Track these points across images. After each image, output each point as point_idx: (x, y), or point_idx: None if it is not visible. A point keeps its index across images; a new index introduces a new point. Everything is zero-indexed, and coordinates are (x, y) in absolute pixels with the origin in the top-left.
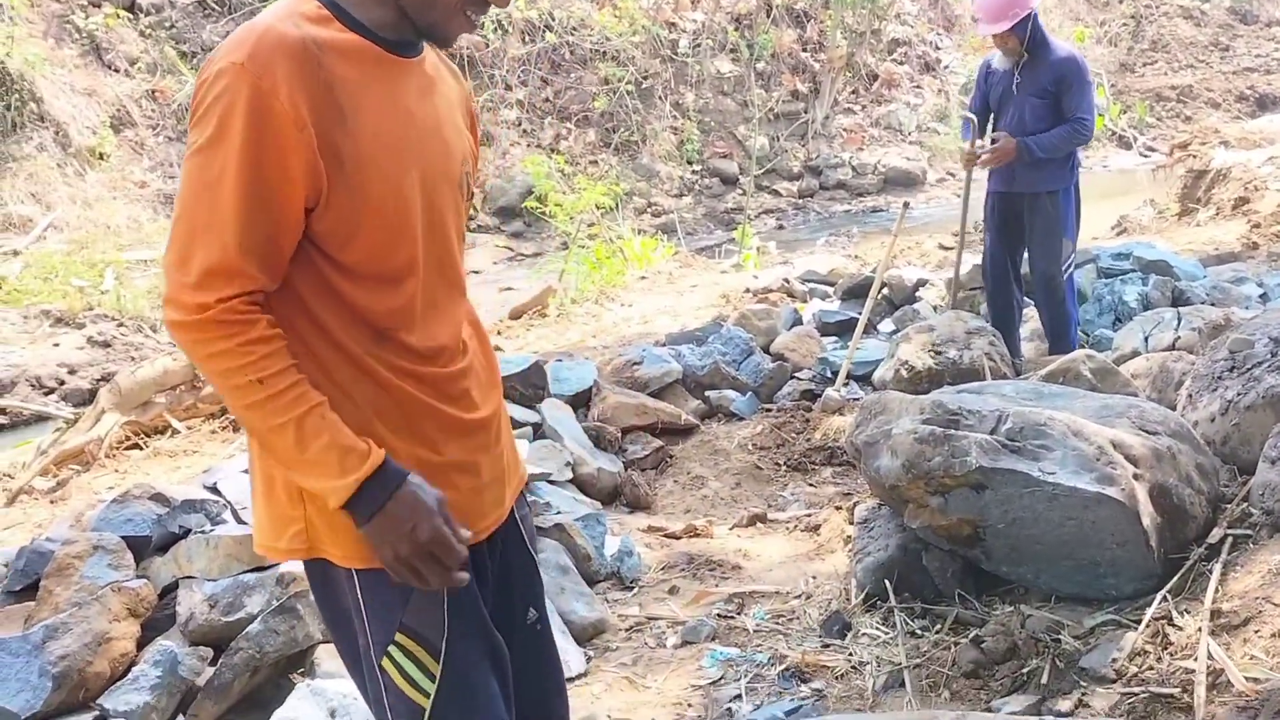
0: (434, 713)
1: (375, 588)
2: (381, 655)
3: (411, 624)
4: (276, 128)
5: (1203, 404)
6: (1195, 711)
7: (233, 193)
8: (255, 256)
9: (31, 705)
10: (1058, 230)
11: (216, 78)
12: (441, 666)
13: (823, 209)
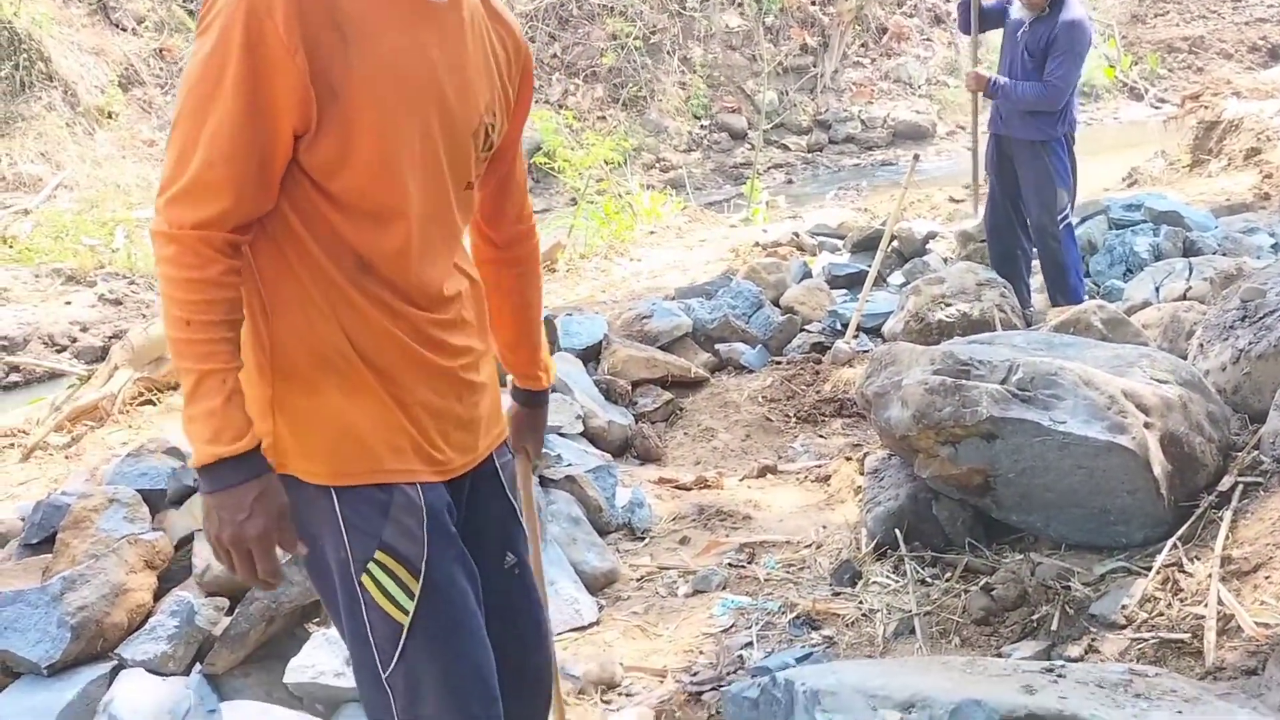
0: (413, 629)
1: (356, 505)
2: (361, 572)
3: (392, 542)
4: (266, 51)
5: (1214, 353)
6: (1205, 656)
7: (224, 115)
8: (240, 180)
9: (51, 655)
10: (1050, 181)
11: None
12: (421, 585)
13: (832, 163)
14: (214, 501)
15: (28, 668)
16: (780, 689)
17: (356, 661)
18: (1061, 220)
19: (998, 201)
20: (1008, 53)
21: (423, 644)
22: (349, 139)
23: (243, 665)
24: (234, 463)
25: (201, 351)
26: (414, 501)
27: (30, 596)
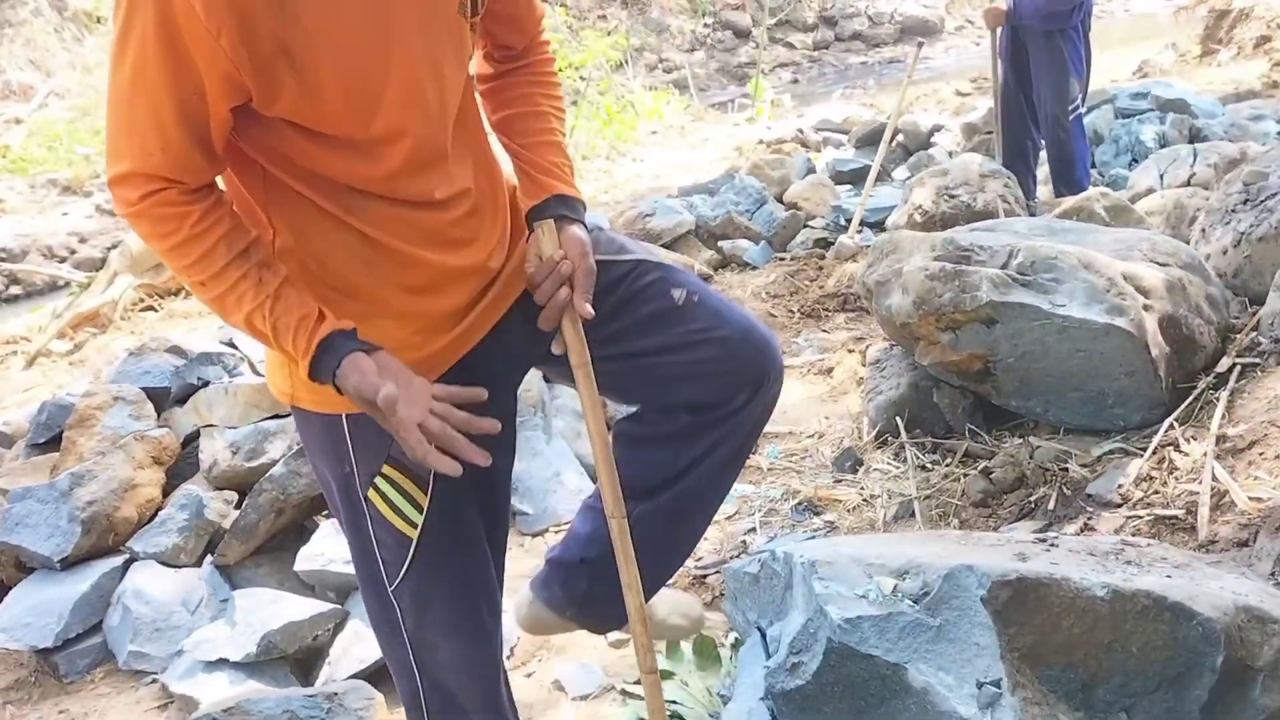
0: (421, 542)
1: (364, 425)
2: (368, 487)
3: (399, 455)
4: (181, 35)
5: (1215, 237)
6: (1198, 531)
7: (144, 101)
8: (176, 159)
9: (62, 549)
10: (1063, 69)
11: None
12: (429, 497)
13: (838, 61)
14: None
15: (40, 562)
16: (779, 563)
17: (363, 576)
18: (1072, 110)
19: (1011, 92)
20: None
21: (433, 555)
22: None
23: (253, 556)
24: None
25: (231, 301)
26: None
27: (39, 492)
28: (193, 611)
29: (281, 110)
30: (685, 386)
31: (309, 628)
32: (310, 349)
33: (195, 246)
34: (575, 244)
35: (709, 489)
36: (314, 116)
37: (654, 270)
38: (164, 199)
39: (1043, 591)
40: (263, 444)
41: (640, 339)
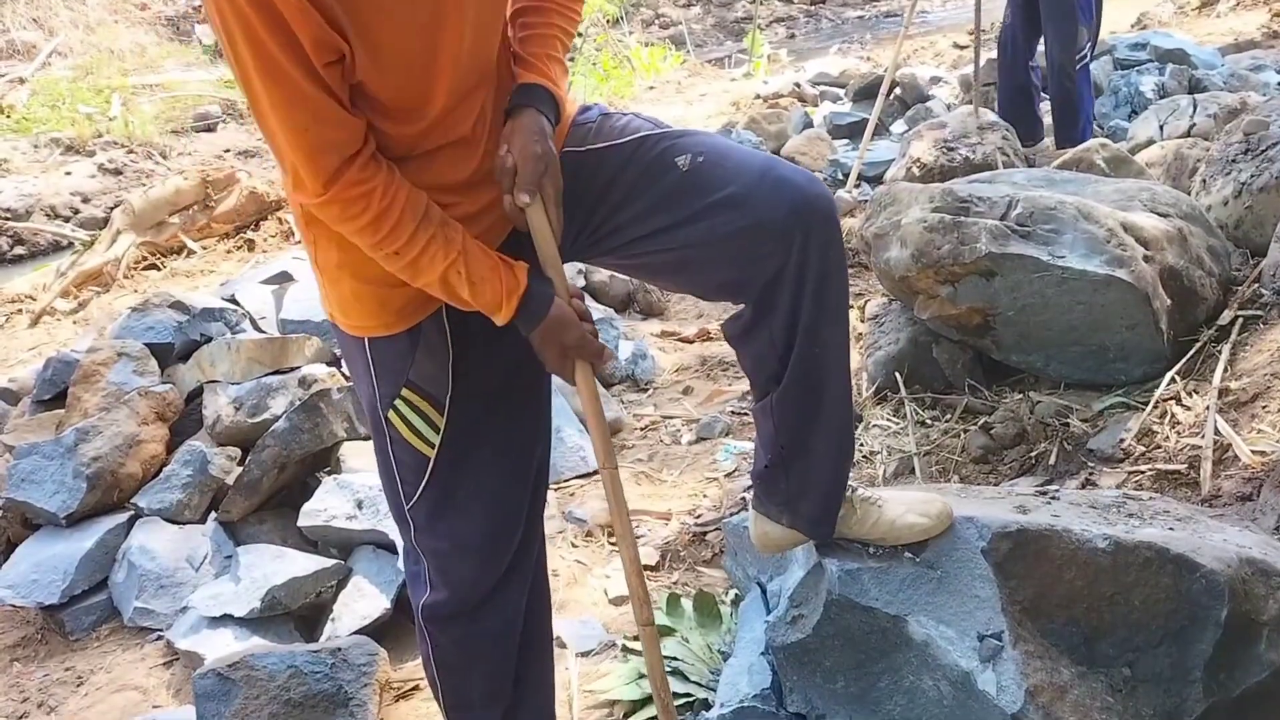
0: (439, 459)
1: (383, 350)
2: (388, 409)
3: (416, 380)
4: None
5: (1216, 187)
6: (1201, 485)
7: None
8: (330, 123)
9: (68, 505)
10: (1072, 14)
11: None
12: (446, 419)
13: (835, 15)
14: (539, 338)
15: (46, 518)
16: None
17: (387, 493)
18: (1079, 60)
19: (1015, 34)
20: None
21: (448, 477)
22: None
23: (257, 512)
24: (525, 310)
25: (425, 263)
26: (440, 341)
27: (45, 449)
28: (197, 568)
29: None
30: (718, 258)
31: (312, 584)
32: (516, 299)
33: (386, 220)
34: (516, 133)
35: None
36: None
37: (657, 143)
38: (346, 181)
39: (1044, 543)
40: (265, 400)
41: (654, 220)
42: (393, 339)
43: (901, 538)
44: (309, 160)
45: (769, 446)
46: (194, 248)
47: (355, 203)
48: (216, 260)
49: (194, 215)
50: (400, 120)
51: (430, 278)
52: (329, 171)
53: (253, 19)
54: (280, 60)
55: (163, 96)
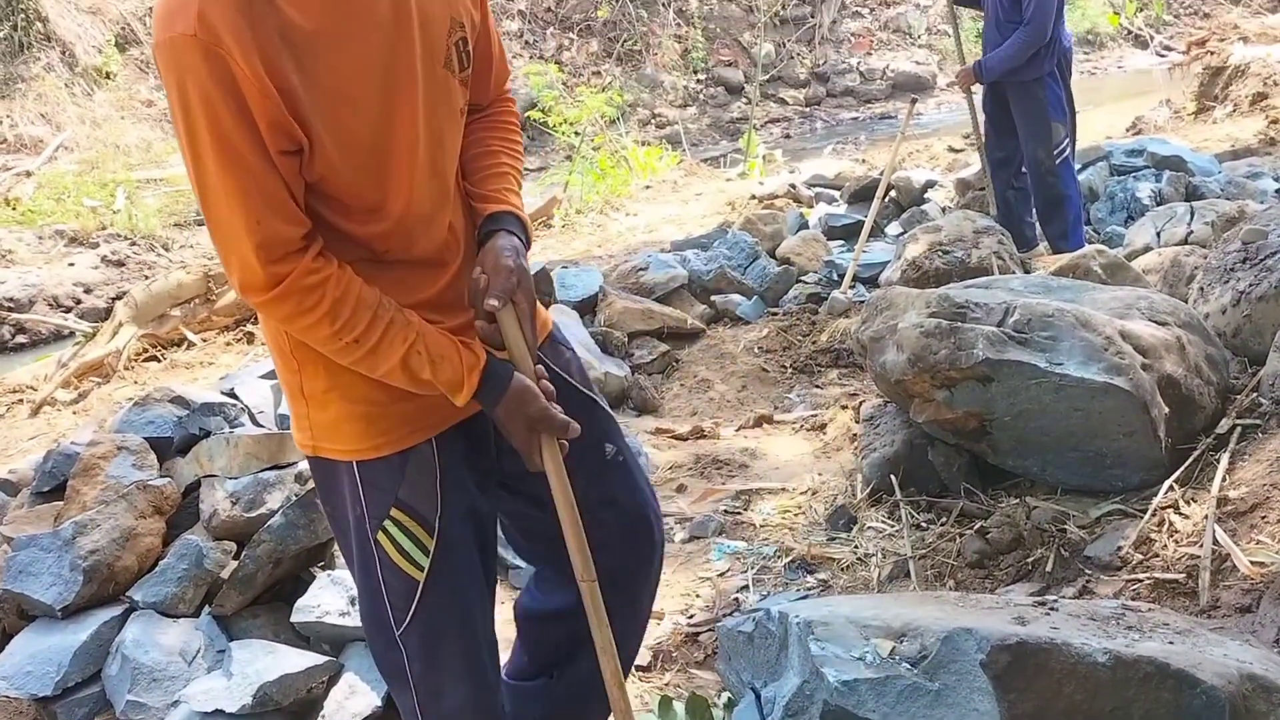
0: (427, 584)
1: (373, 470)
2: (377, 530)
3: (407, 499)
4: (240, 95)
5: (1214, 296)
6: (1199, 596)
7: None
8: (281, 217)
9: (64, 597)
10: (1043, 115)
11: (170, 50)
12: (436, 540)
13: (830, 116)
14: (503, 412)
15: (42, 610)
16: (774, 622)
17: (369, 619)
18: (1058, 155)
19: (994, 147)
20: (990, 11)
21: (439, 599)
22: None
23: (251, 606)
24: (486, 385)
25: (385, 349)
26: (429, 461)
27: (43, 541)
28: (190, 662)
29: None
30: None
31: (304, 680)
32: (477, 375)
33: (343, 308)
34: (489, 253)
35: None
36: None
37: (605, 418)
38: (300, 270)
39: (1043, 657)
40: (262, 495)
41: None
42: (383, 460)
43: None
44: (260, 251)
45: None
46: (194, 340)
47: (310, 293)
48: (216, 352)
49: (195, 308)
50: (362, 219)
51: (391, 363)
52: (279, 264)
53: (214, 99)
54: (238, 144)
55: (166, 190)
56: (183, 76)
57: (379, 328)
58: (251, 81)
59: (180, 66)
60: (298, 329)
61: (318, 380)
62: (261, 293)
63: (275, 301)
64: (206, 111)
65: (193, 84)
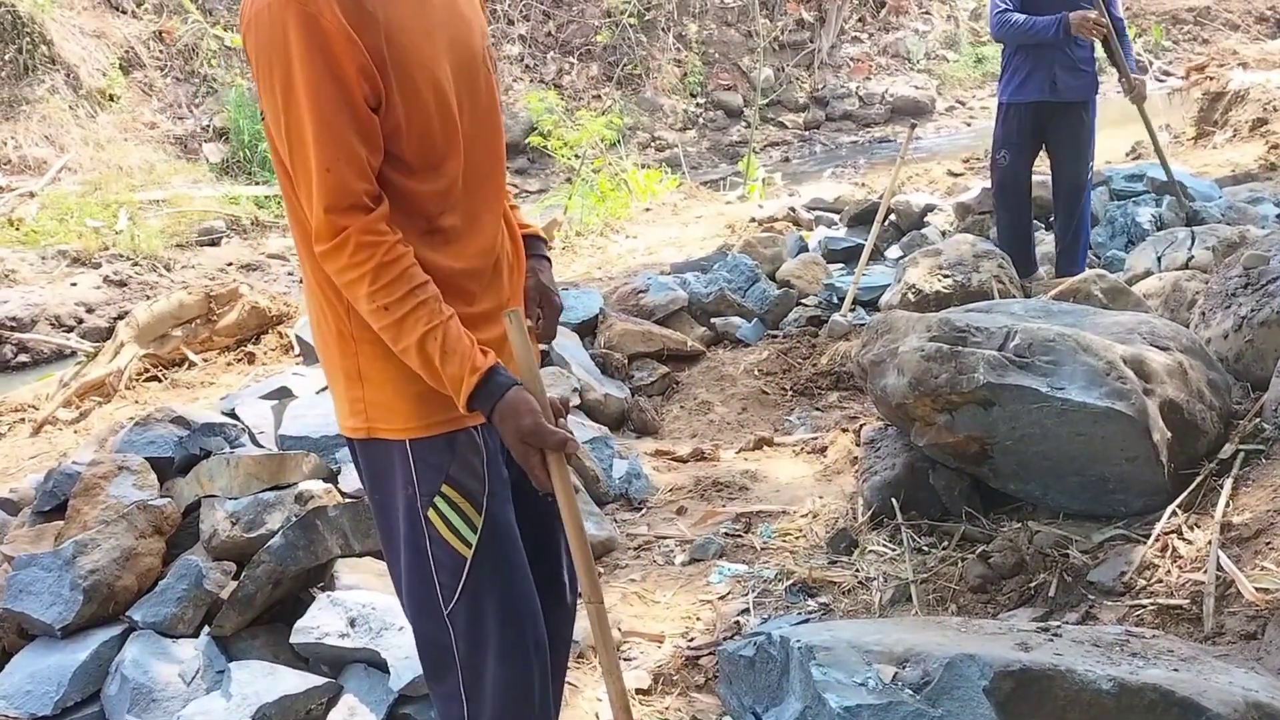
0: (476, 559)
1: (426, 449)
2: (428, 506)
3: (457, 476)
4: (333, 48)
5: (1216, 321)
6: (1203, 622)
7: (316, 127)
8: (353, 170)
9: (64, 617)
10: (1090, 140)
11: (268, 14)
12: (483, 518)
13: (829, 140)
14: (499, 415)
15: (42, 630)
16: (776, 646)
17: (418, 603)
18: (1089, 180)
19: (1021, 173)
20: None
21: (486, 576)
22: (407, 99)
23: (250, 627)
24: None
25: (410, 322)
26: (477, 442)
27: (44, 560)
28: (189, 682)
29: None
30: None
31: (303, 701)
32: (477, 376)
33: (386, 273)
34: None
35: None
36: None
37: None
38: (361, 227)
39: (1047, 683)
40: (262, 515)
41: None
42: (434, 439)
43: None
44: (325, 198)
45: None
46: (195, 360)
47: (364, 249)
48: (217, 372)
49: (196, 328)
50: (424, 177)
51: (410, 340)
52: (342, 215)
53: (308, 54)
54: (326, 94)
55: (169, 211)
56: (279, 36)
57: (410, 302)
58: (341, 34)
59: (277, 26)
60: (345, 282)
61: (375, 361)
62: (325, 241)
63: (333, 252)
64: (301, 64)
65: (289, 40)
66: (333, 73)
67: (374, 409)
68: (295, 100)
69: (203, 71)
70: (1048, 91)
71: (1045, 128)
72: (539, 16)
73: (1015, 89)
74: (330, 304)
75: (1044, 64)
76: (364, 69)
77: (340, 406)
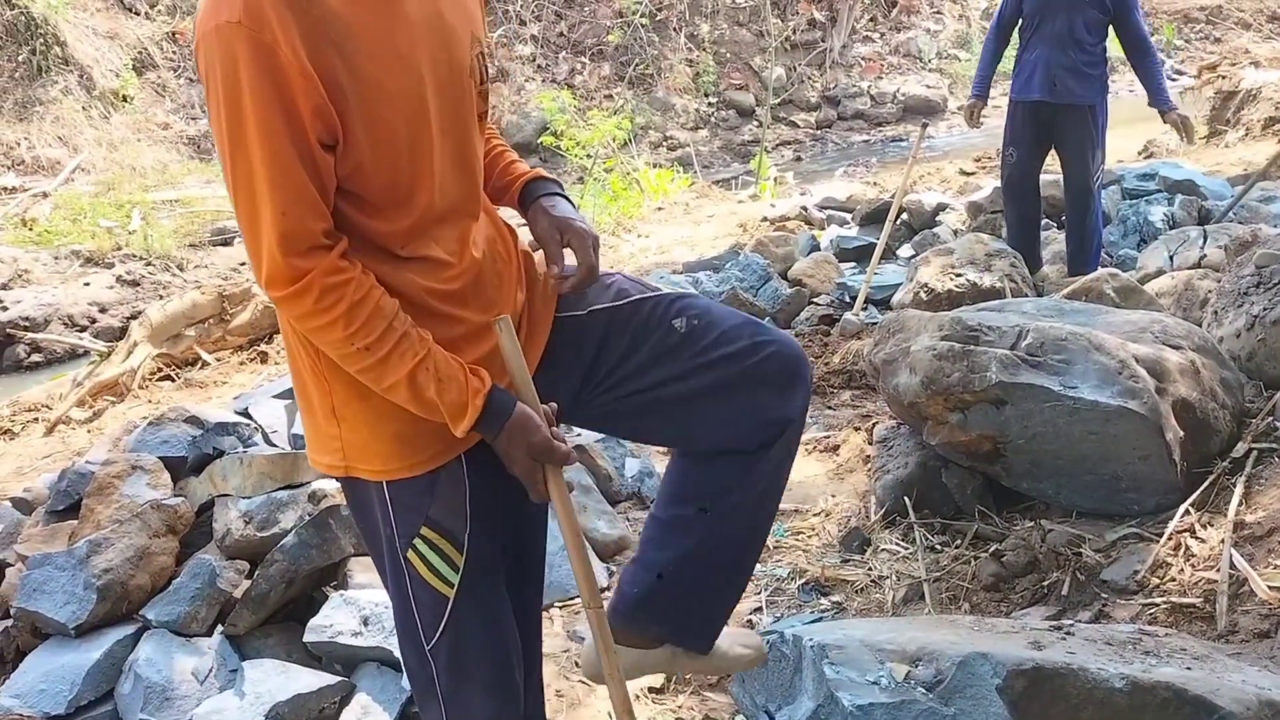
0: (458, 600)
1: (404, 490)
2: (407, 548)
3: (437, 517)
4: (288, 84)
5: (1228, 320)
6: (1217, 620)
7: (268, 166)
8: (310, 211)
9: (78, 616)
10: (1095, 143)
11: (216, 38)
12: (465, 556)
13: (841, 140)
14: (507, 435)
15: (56, 629)
16: (788, 645)
17: (402, 634)
18: (1097, 180)
19: (1028, 171)
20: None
21: (467, 615)
22: (371, 134)
23: (263, 626)
24: (488, 412)
25: (395, 359)
26: (459, 477)
27: (57, 560)
28: (202, 681)
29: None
30: (715, 409)
31: (316, 700)
32: (481, 399)
33: (360, 312)
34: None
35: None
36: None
37: (654, 306)
38: (323, 268)
39: (1059, 682)
40: (275, 514)
41: (655, 374)
42: (413, 480)
43: (732, 667)
44: (284, 242)
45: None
46: (208, 359)
47: (331, 292)
48: (229, 372)
49: (209, 328)
50: (388, 215)
51: (397, 376)
52: (303, 258)
53: (258, 86)
54: (278, 131)
55: (181, 212)
56: (228, 64)
57: (391, 339)
58: (296, 69)
59: (226, 54)
60: (312, 328)
61: (351, 402)
62: (283, 287)
63: (295, 297)
64: (251, 98)
65: (239, 70)
66: (286, 110)
67: (351, 449)
68: (244, 136)
69: None
70: (1048, 92)
71: (1051, 127)
72: (551, 17)
73: (1020, 87)
74: (301, 341)
75: (1045, 65)
76: (319, 109)
77: (315, 443)
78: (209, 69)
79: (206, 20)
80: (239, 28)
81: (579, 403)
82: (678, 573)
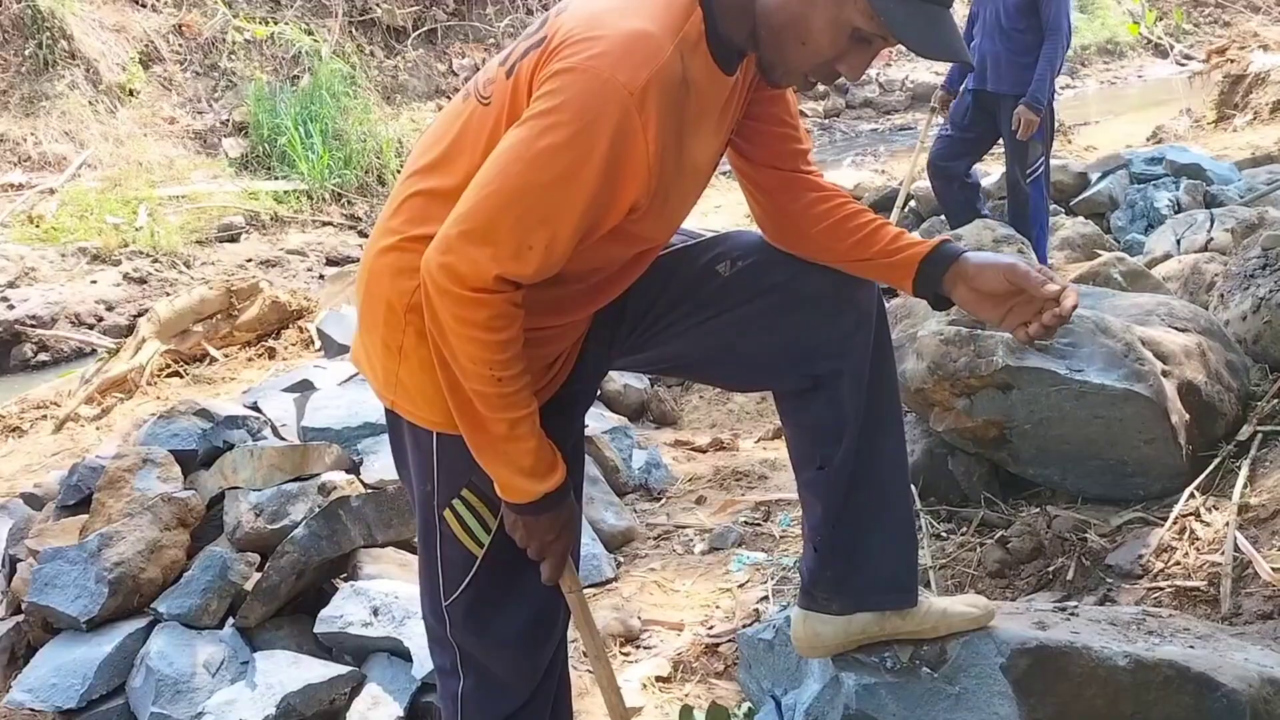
0: (485, 559)
1: (451, 448)
2: (444, 506)
3: (479, 482)
4: (631, 162)
5: (1234, 302)
6: (1221, 603)
7: (557, 201)
8: (553, 260)
9: (89, 610)
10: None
11: (601, 87)
12: (499, 520)
13: (849, 128)
14: (528, 523)
15: (67, 623)
16: None
17: (422, 585)
18: (1031, 174)
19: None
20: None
21: (494, 574)
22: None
23: (274, 618)
24: (554, 495)
25: (513, 401)
26: None
27: (69, 554)
28: (214, 673)
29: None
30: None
31: (327, 691)
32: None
33: (511, 348)
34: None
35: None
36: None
37: (699, 255)
38: (506, 298)
39: (1063, 660)
40: (285, 506)
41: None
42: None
43: (954, 627)
44: (504, 265)
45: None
46: (216, 355)
47: (503, 316)
48: (238, 368)
49: (217, 324)
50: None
51: (508, 415)
52: (501, 284)
53: (600, 150)
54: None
55: (188, 207)
56: (591, 115)
57: (520, 381)
58: (643, 161)
59: (600, 108)
60: (465, 335)
61: (422, 347)
62: (468, 289)
63: (472, 304)
64: (590, 157)
65: (599, 129)
66: (611, 191)
67: (402, 388)
68: (558, 170)
69: (222, 65)
70: (984, 81)
71: (995, 117)
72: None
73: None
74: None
75: (980, 54)
76: (634, 204)
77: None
78: (571, 100)
79: (604, 64)
80: (628, 96)
81: (628, 344)
82: (828, 539)
